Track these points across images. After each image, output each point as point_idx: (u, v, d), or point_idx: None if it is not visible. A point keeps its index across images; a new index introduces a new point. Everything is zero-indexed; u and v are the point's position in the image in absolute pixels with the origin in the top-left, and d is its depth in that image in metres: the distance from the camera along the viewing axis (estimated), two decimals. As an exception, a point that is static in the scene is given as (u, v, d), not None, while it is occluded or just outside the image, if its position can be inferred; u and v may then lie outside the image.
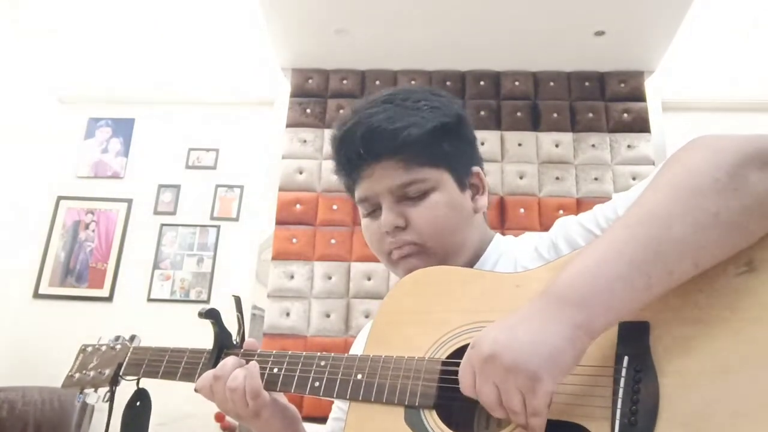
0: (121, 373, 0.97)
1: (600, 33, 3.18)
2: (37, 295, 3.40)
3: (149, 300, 3.35)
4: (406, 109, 0.86)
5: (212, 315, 0.89)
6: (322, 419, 1.05)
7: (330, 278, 3.16)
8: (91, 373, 1.01)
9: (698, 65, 3.56)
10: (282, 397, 0.91)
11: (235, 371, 0.82)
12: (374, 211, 0.89)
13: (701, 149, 0.60)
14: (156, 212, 3.52)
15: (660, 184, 0.61)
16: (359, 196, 0.90)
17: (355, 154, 0.86)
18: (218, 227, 3.47)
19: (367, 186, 0.88)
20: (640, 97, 3.45)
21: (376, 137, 0.84)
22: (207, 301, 3.32)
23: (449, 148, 0.87)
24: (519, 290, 0.71)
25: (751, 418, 0.52)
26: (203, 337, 0.92)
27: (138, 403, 0.97)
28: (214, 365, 0.87)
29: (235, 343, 0.91)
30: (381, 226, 0.86)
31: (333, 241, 3.21)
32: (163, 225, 3.49)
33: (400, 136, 0.83)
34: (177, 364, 0.92)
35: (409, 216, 0.85)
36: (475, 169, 0.92)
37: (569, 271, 0.60)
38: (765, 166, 0.57)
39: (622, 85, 3.48)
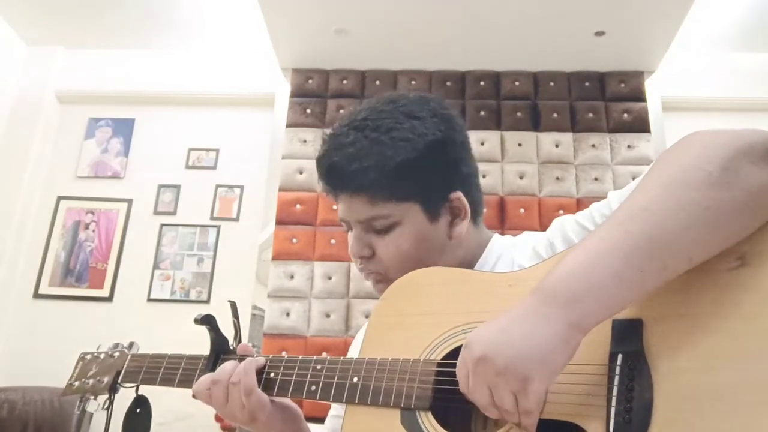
0: (119, 381, 0.98)
1: (600, 33, 3.18)
2: (37, 295, 3.40)
3: (149, 300, 3.35)
4: (372, 143, 0.83)
5: (208, 321, 0.89)
6: (321, 419, 1.04)
7: (330, 278, 3.16)
8: (90, 381, 1.01)
9: (698, 65, 3.56)
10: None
11: (237, 368, 0.83)
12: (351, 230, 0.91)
13: (693, 144, 0.60)
14: (156, 212, 3.52)
15: (652, 180, 0.61)
16: (338, 217, 0.92)
17: (324, 185, 0.89)
18: (218, 227, 3.47)
19: (341, 210, 0.90)
20: (640, 97, 3.45)
21: (337, 176, 0.86)
22: (207, 302, 3.31)
23: (418, 181, 0.85)
24: (512, 290, 0.71)
25: (744, 414, 0.52)
26: (203, 338, 0.92)
27: (138, 410, 0.97)
28: (212, 371, 0.87)
29: (231, 348, 0.91)
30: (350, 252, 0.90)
31: (333, 241, 3.21)
32: (163, 225, 3.49)
33: (357, 179, 0.83)
34: (174, 371, 0.92)
35: (375, 247, 0.87)
36: (455, 194, 0.87)
37: (561, 268, 0.59)
38: (757, 159, 0.57)
39: (622, 85, 3.48)
